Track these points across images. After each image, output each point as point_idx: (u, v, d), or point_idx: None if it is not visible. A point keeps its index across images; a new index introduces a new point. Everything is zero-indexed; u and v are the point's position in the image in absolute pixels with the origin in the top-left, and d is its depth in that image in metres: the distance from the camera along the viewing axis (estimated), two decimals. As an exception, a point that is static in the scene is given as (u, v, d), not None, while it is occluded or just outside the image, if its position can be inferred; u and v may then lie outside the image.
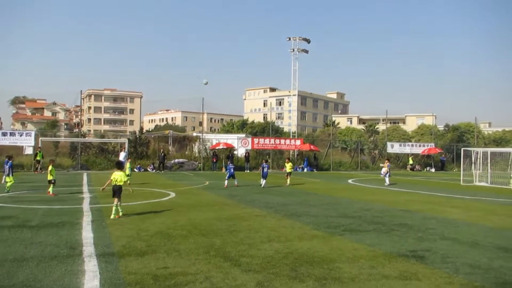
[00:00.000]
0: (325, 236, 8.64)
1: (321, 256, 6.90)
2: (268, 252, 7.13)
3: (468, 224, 10.44)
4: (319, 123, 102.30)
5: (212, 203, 13.66)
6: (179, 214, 11.15)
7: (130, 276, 5.63)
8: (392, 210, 12.71)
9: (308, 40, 51.94)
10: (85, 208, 12.07)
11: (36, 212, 11.15)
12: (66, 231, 8.66)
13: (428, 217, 11.51)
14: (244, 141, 39.53)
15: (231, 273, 5.89)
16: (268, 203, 13.87)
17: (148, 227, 9.17)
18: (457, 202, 15.57)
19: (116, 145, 37.87)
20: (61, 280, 5.44)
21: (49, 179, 15.37)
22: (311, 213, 11.90)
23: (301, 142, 41.95)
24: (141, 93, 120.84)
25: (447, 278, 5.84)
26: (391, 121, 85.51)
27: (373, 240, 8.31)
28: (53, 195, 15.06)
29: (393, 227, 9.81)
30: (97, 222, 9.74)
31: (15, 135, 32.25)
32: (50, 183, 15.38)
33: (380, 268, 6.29)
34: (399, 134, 65.21)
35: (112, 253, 6.87)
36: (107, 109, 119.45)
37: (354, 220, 10.69)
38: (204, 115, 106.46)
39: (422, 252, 7.36)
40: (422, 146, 47.22)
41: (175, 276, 5.70)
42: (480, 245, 8.02)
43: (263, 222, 10.20)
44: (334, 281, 5.63)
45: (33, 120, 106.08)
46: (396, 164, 46.38)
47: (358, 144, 46.46)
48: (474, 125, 57.17)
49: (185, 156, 39.18)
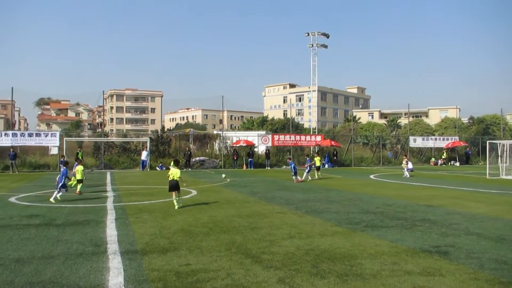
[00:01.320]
0: (346, 232, 8.59)
1: (343, 253, 6.87)
2: (289, 248, 7.14)
3: (493, 219, 10.21)
4: (340, 118, 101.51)
5: (233, 201, 13.74)
6: (201, 212, 11.26)
7: (153, 273, 5.73)
8: (415, 206, 12.53)
9: (327, 35, 51.59)
10: (109, 207, 12.31)
11: (61, 211, 11.43)
12: (90, 229, 8.86)
13: (451, 212, 11.31)
14: (264, 138, 39.53)
15: (252, 269, 5.93)
16: (289, 200, 13.87)
17: (170, 225, 9.30)
18: (482, 196, 15.24)
19: (138, 144, 38.44)
20: (86, 277, 5.58)
21: (78, 178, 15.82)
22: (332, 209, 11.84)
23: (322, 138, 41.69)
24: (162, 92, 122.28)
25: (472, 274, 5.74)
26: (413, 114, 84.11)
27: (395, 236, 8.22)
28: (79, 193, 15.45)
29: (415, 222, 9.68)
30: (121, 220, 9.93)
31: (40, 136, 33.06)
32: (79, 183, 15.80)
33: (403, 264, 6.22)
34: (422, 127, 64.13)
35: (135, 251, 6.99)
36: (128, 109, 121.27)
37: (376, 216, 10.59)
38: (224, 113, 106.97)
39: (446, 247, 7.25)
40: (446, 140, 46.31)
41: (197, 272, 5.77)
42: (506, 240, 7.84)
43: (284, 218, 10.20)
44: (356, 277, 5.60)
45: (58, 121, 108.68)
46: (419, 158, 45.65)
47: (380, 139, 45.88)
48: (500, 117, 55.77)
49: (205, 154, 39.46)
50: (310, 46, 50.73)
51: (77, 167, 16.23)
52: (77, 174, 15.88)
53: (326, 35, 51.30)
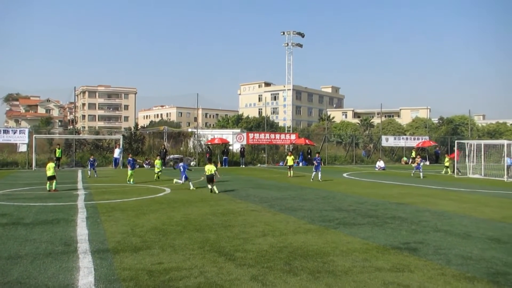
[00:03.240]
0: (319, 229, 8.70)
1: (315, 250, 6.96)
2: (262, 246, 7.18)
3: (460, 216, 10.54)
4: (314, 117, 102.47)
5: (207, 199, 13.68)
6: (174, 210, 11.17)
7: (125, 272, 5.66)
8: (386, 203, 12.79)
9: (302, 34, 51.86)
10: (80, 205, 12.06)
11: (30, 210, 11.13)
12: (60, 228, 8.66)
13: (421, 209, 11.60)
14: (239, 136, 39.51)
15: (225, 267, 5.93)
16: (263, 198, 13.92)
17: (143, 223, 9.19)
18: (451, 194, 15.69)
19: (111, 142, 37.75)
20: (56, 277, 5.46)
21: (50, 175, 15.57)
22: (305, 207, 11.96)
23: (296, 137, 41.99)
24: (136, 89, 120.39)
25: (440, 270, 5.91)
26: (385, 114, 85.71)
27: (367, 233, 8.37)
28: (56, 191, 15.36)
29: (386, 220, 9.89)
30: (92, 219, 9.74)
31: (8, 133, 32.02)
32: (51, 179, 15.56)
33: (373, 260, 6.35)
34: (394, 127, 65.46)
35: (106, 249, 6.88)
36: (101, 106, 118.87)
37: (348, 214, 10.76)
38: (199, 110, 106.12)
39: (415, 244, 7.44)
40: (416, 139, 47.43)
41: (169, 271, 5.73)
42: (472, 237, 8.11)
43: (258, 216, 10.24)
44: (328, 274, 5.68)
45: (27, 117, 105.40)
46: (391, 157, 46.60)
47: (353, 138, 46.56)
48: (468, 118, 57.47)
49: (180, 152, 39.12)
50: (286, 45, 50.92)
51: (49, 164, 15.94)
52: (48, 171, 15.57)
53: (302, 34, 51.57)
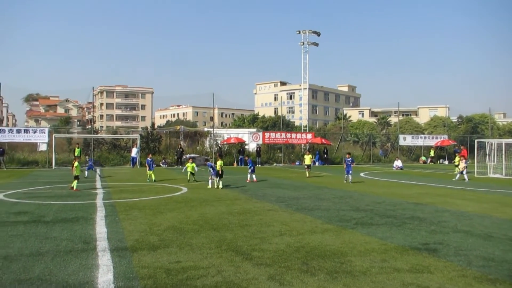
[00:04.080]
0: (336, 229, 8.63)
1: (333, 250, 6.90)
2: (279, 246, 7.16)
3: (481, 217, 10.34)
4: (331, 116, 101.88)
5: (223, 198, 13.72)
6: (191, 209, 11.23)
7: (143, 270, 5.71)
8: (404, 203, 12.63)
9: (318, 33, 51.51)
10: (99, 204, 12.22)
11: (50, 208, 11.33)
12: (80, 226, 8.80)
13: (440, 210, 11.42)
14: (255, 135, 39.51)
15: (242, 266, 5.93)
16: (280, 198, 13.89)
17: (161, 222, 9.26)
18: (471, 194, 15.41)
19: (128, 141, 38.20)
20: (75, 274, 5.54)
21: (75, 174, 15.96)
22: (322, 207, 11.89)
23: (312, 136, 41.80)
24: (152, 89, 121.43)
25: (460, 271, 5.80)
26: (403, 113, 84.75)
27: (385, 233, 8.28)
28: (77, 190, 15.51)
29: (405, 220, 9.76)
30: (110, 217, 9.86)
31: (29, 132, 32.67)
32: (76, 179, 15.89)
33: (392, 261, 6.27)
34: (411, 126, 64.65)
35: (125, 248, 6.95)
36: (119, 105, 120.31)
37: (366, 214, 10.66)
38: (215, 110, 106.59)
39: (435, 245, 7.32)
40: (435, 138, 46.72)
41: (187, 270, 5.75)
42: (494, 238, 7.94)
43: (275, 216, 10.22)
44: (346, 274, 5.63)
45: (47, 117, 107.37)
46: (409, 156, 46.01)
47: (370, 137, 46.14)
48: (488, 116, 56.39)
49: (196, 151, 39.33)
50: (301, 44, 50.69)
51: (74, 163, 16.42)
52: (74, 171, 16.07)
53: (317, 33, 51.24)
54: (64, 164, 32.69)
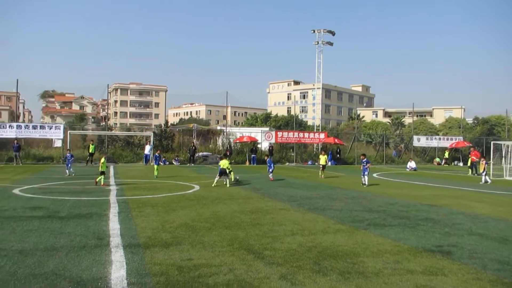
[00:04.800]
0: (349, 230, 8.58)
1: (345, 250, 6.86)
2: (291, 245, 7.14)
3: (496, 220, 10.17)
4: (344, 116, 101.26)
5: (236, 196, 13.74)
6: (203, 207, 11.27)
7: (156, 267, 5.74)
8: (418, 205, 12.49)
9: (333, 33, 51.26)
10: (112, 200, 12.34)
11: (65, 203, 11.47)
12: (93, 222, 8.89)
13: (455, 212, 11.27)
14: (268, 134, 39.50)
15: (254, 265, 5.93)
16: (292, 197, 13.86)
17: (173, 219, 9.31)
18: (486, 196, 15.18)
19: (141, 138, 38.51)
20: (89, 270, 5.60)
21: (101, 170, 16.50)
22: (335, 207, 11.83)
23: (325, 136, 41.63)
24: (166, 87, 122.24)
25: (475, 274, 5.72)
26: (417, 114, 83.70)
27: (398, 234, 8.20)
28: (104, 185, 16.05)
29: (418, 221, 9.66)
30: (124, 214, 9.95)
31: (44, 128, 33.16)
32: (102, 174, 16.42)
33: (405, 263, 6.21)
34: (426, 127, 63.93)
35: (138, 244, 7.01)
36: (133, 103, 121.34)
37: (379, 215, 10.57)
38: (228, 108, 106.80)
39: (449, 247, 7.22)
40: (450, 140, 46.12)
41: (199, 267, 5.77)
42: (510, 241, 7.81)
43: (287, 215, 10.20)
44: (358, 275, 5.59)
45: (62, 114, 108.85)
46: (423, 158, 45.52)
47: (384, 137, 45.76)
48: (505, 118, 55.43)
49: (209, 150, 39.48)
50: (316, 43, 50.49)
51: (102, 160, 17.03)
52: (100, 167, 16.66)
53: (332, 32, 50.98)
54: (78, 160, 33.11)
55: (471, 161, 28.90)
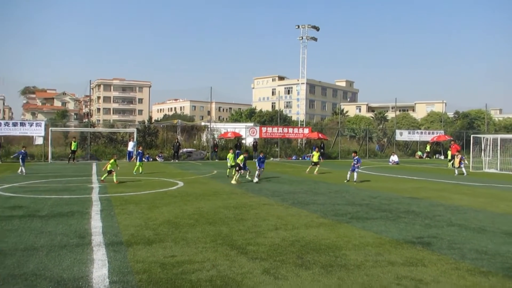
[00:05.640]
0: (332, 224, 8.66)
1: (328, 244, 6.93)
2: (275, 240, 7.18)
3: (475, 211, 10.40)
4: (328, 111, 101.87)
5: (220, 192, 13.73)
6: (187, 203, 11.24)
7: (138, 265, 5.71)
8: (400, 198, 12.68)
9: (317, 28, 51.47)
10: (94, 198, 12.21)
11: (46, 202, 11.30)
12: (75, 221, 8.78)
13: (435, 204, 11.48)
14: (252, 130, 39.50)
15: (237, 261, 5.94)
16: (276, 192, 13.91)
17: (156, 216, 9.26)
18: (465, 188, 15.49)
19: (125, 135, 38.09)
20: (70, 269, 5.54)
21: (109, 169, 16.63)
22: (318, 201, 11.92)
23: (309, 131, 41.83)
24: (150, 83, 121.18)
25: (453, 264, 5.84)
26: (400, 108, 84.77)
27: (380, 227, 8.31)
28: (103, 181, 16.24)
29: (400, 214, 9.81)
30: (106, 212, 9.86)
31: (25, 125, 32.55)
32: (109, 173, 16.57)
33: (386, 255, 6.30)
34: (408, 121, 64.73)
35: (120, 242, 6.96)
36: (116, 99, 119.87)
37: (361, 208, 10.70)
38: (213, 104, 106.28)
39: (429, 238, 7.36)
40: (431, 134, 46.83)
41: (182, 264, 5.76)
42: (487, 231, 8.00)
43: (271, 210, 10.24)
44: (340, 268, 5.66)
45: (43, 110, 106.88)
46: (405, 152, 46.12)
47: (367, 132, 46.21)
48: (484, 112, 56.46)
49: (193, 146, 39.31)
50: (300, 38, 50.61)
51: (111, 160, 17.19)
52: (109, 165, 16.69)
53: (316, 28, 51.16)
54: (60, 158, 32.63)
55: (451, 154, 29.45)
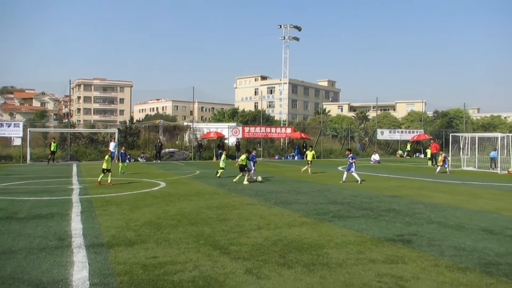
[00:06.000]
0: (314, 222, 8.72)
1: (310, 243, 6.98)
2: (257, 239, 7.19)
3: (454, 208, 10.61)
4: (310, 111, 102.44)
5: (202, 192, 13.68)
6: (169, 204, 11.16)
7: (119, 266, 5.65)
8: (381, 196, 12.84)
9: (299, 28, 51.66)
10: (74, 199, 12.02)
11: (24, 204, 11.08)
12: (55, 223, 8.64)
13: (415, 202, 11.66)
14: (235, 130, 39.45)
15: (220, 261, 5.93)
16: (259, 192, 13.93)
17: (138, 217, 9.18)
18: (444, 186, 15.78)
19: (106, 135, 37.62)
20: (49, 272, 5.44)
21: (104, 167, 15.93)
22: (300, 200, 11.98)
23: (292, 130, 42.01)
24: (131, 82, 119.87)
25: (433, 261, 5.95)
26: (381, 108, 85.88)
27: (361, 225, 8.41)
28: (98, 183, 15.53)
29: (381, 212, 9.93)
30: (87, 213, 9.72)
31: (3, 126, 31.81)
32: (104, 172, 15.91)
33: (368, 252, 6.38)
34: (389, 121, 65.57)
35: (101, 244, 6.87)
36: (96, 99, 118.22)
37: (343, 207, 10.80)
38: (195, 104, 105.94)
39: (409, 236, 7.48)
40: (411, 133, 47.56)
41: (164, 265, 5.72)
42: (465, 228, 8.17)
43: (253, 210, 10.25)
44: (322, 266, 5.71)
45: (22, 111, 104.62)
46: (386, 150, 46.74)
47: (349, 131, 46.67)
48: (463, 111, 57.64)
49: (175, 146, 39.06)
50: (282, 38, 50.77)
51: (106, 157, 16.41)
52: (104, 164, 16.06)
53: (298, 28, 51.36)
54: (39, 159, 32.02)
55: (431, 152, 30.00)
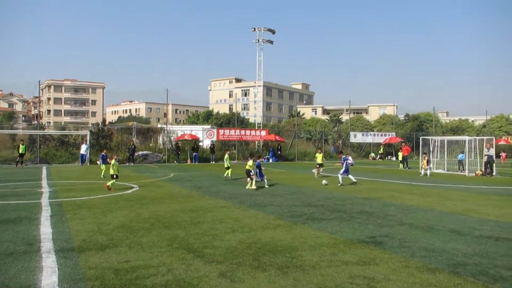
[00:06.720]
0: (288, 225, 8.77)
1: (284, 245, 7.01)
2: (231, 242, 7.17)
3: (424, 210, 10.87)
4: (285, 113, 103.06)
5: (176, 195, 13.55)
6: (142, 207, 11.01)
7: (90, 271, 5.53)
8: (354, 198, 13.03)
9: (273, 31, 52.01)
10: (44, 203, 11.70)
11: (-9, 208, 10.71)
12: (23, 227, 8.38)
13: (387, 204, 11.89)
14: (210, 132, 39.32)
15: (194, 264, 5.89)
16: (233, 194, 13.91)
17: (110, 221, 9.01)
18: (415, 188, 16.15)
19: (77, 138, 36.82)
20: (17, 277, 5.28)
21: (111, 173, 15.26)
22: (275, 203, 12.03)
23: (267, 133, 42.17)
24: (104, 84, 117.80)
25: (404, 262, 6.08)
26: (354, 111, 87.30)
27: (335, 227, 8.51)
28: (111, 189, 14.72)
29: (354, 214, 10.08)
30: (56, 217, 9.47)
31: (-33, 128, 30.68)
32: (113, 178, 15.22)
33: (341, 254, 6.46)
34: (362, 124, 66.70)
35: (71, 248, 6.71)
36: (67, 100, 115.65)
37: (317, 209, 10.90)
38: (169, 106, 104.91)
39: (381, 237, 7.61)
40: (383, 136, 48.51)
41: (136, 269, 5.64)
42: (435, 229, 8.38)
43: (228, 213, 10.23)
44: (296, 268, 5.74)
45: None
46: (359, 153, 47.50)
47: (322, 134, 47.20)
48: (432, 115, 59.18)
49: (149, 148, 38.60)
50: (256, 41, 50.99)
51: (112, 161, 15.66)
52: (111, 169, 15.40)
53: (272, 31, 51.71)
54: (7, 161, 31.05)
55: (402, 155, 30.68)
